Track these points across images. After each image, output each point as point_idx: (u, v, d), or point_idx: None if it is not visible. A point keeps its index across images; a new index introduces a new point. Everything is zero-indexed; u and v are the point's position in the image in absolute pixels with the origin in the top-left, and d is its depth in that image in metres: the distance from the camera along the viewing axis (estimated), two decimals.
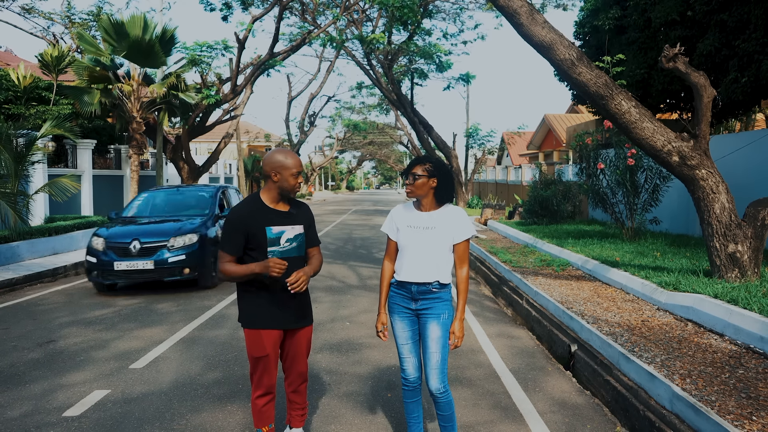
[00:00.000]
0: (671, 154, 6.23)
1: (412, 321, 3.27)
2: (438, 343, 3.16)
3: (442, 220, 3.19)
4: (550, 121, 31.82)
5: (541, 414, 4.07)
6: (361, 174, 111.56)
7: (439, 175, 3.19)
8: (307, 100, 37.83)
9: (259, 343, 3.13)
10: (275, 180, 3.09)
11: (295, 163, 3.10)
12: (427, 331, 3.19)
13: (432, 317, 3.19)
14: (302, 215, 3.25)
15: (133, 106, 17.65)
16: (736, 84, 10.82)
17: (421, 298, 3.20)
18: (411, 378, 3.28)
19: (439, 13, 21.98)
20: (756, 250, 6.14)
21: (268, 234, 3.08)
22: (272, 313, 3.14)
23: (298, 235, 3.18)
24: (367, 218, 24.55)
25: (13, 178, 10.85)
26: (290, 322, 3.21)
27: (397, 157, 68.31)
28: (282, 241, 3.11)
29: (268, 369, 3.16)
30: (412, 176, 3.19)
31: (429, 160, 3.22)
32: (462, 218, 3.21)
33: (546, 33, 6.34)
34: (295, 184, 3.13)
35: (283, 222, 3.14)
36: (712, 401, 3.55)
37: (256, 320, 3.14)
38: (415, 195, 3.22)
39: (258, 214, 3.09)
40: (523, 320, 6.88)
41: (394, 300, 3.30)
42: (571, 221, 15.28)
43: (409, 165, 3.26)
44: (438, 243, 3.16)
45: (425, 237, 3.17)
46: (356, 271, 10.18)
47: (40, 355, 5.36)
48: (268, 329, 3.13)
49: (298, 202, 3.31)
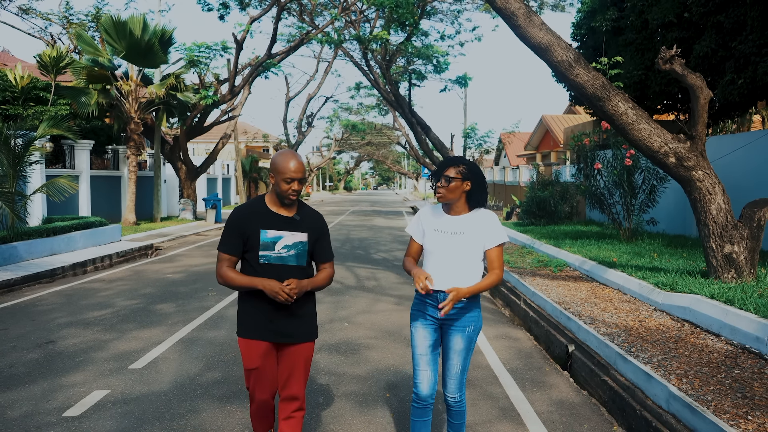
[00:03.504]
0: (668, 155, 6.26)
1: (434, 330, 3.03)
2: (460, 356, 2.98)
3: (472, 225, 2.98)
4: (547, 122, 31.88)
5: (539, 414, 4.09)
6: (358, 174, 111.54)
7: (474, 178, 2.97)
8: (305, 100, 37.87)
9: (249, 354, 2.95)
10: (272, 182, 2.90)
11: (289, 168, 2.82)
12: (450, 343, 3.00)
13: (457, 330, 2.98)
14: (309, 223, 2.98)
15: (131, 106, 17.65)
16: (733, 85, 10.87)
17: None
18: (423, 395, 3.00)
19: (437, 14, 22.01)
20: (752, 250, 6.18)
21: (261, 237, 2.88)
22: (262, 324, 2.92)
23: (299, 244, 2.93)
24: (365, 219, 24.57)
25: (11, 178, 10.84)
26: (280, 336, 2.95)
27: (394, 158, 68.30)
28: (278, 246, 2.89)
29: (260, 382, 2.97)
30: (445, 179, 2.94)
31: (462, 162, 2.98)
32: (493, 222, 2.99)
33: (543, 35, 6.37)
34: (286, 190, 2.85)
35: (284, 227, 2.91)
36: (708, 401, 3.58)
37: (246, 329, 2.95)
38: (446, 199, 2.98)
39: (256, 215, 2.90)
40: (521, 321, 6.91)
41: (418, 307, 3.07)
42: (568, 222, 15.32)
43: (440, 166, 3.00)
44: (467, 249, 2.95)
45: (453, 242, 2.96)
46: (354, 272, 10.20)
47: (40, 356, 5.36)
48: (256, 340, 2.93)
49: (311, 210, 3.05)
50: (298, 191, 2.87)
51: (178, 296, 8.10)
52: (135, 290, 8.61)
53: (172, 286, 8.87)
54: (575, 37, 16.27)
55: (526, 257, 10.15)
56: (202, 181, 26.69)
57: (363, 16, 21.65)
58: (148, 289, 8.64)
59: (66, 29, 22.98)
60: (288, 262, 2.91)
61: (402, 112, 22.32)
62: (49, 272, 9.51)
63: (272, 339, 2.94)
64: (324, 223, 3.07)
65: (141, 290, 8.59)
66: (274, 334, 2.94)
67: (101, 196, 17.56)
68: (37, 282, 9.16)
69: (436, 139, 22.77)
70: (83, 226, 12.25)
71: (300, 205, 2.99)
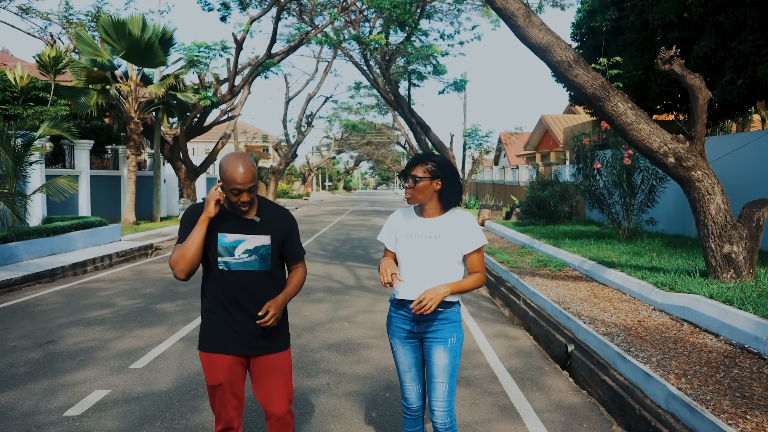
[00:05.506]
0: (667, 155, 6.28)
1: (414, 347, 2.82)
2: (445, 372, 2.72)
3: (447, 228, 2.73)
4: (547, 122, 31.91)
5: (539, 413, 4.11)
6: (358, 174, 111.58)
7: (444, 176, 2.72)
8: (305, 100, 37.85)
9: (210, 370, 2.63)
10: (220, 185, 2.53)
11: (234, 179, 2.45)
12: (432, 358, 2.74)
13: (437, 342, 2.74)
14: (272, 224, 2.66)
15: (131, 106, 17.66)
16: (732, 86, 10.89)
17: (424, 320, 2.73)
18: (414, 407, 2.85)
19: (437, 13, 22.04)
20: (751, 250, 6.19)
21: (219, 242, 2.59)
22: (227, 335, 2.62)
23: (261, 247, 2.62)
24: (364, 218, 24.57)
25: (11, 178, 10.85)
26: (249, 348, 2.64)
27: (394, 158, 68.34)
28: (237, 252, 2.59)
29: (224, 401, 2.65)
30: (412, 179, 2.71)
31: (431, 159, 2.75)
32: (470, 224, 2.75)
33: (543, 35, 6.38)
34: (236, 203, 2.52)
35: (243, 230, 2.60)
36: (707, 400, 3.60)
37: (208, 342, 2.64)
38: (416, 200, 2.75)
39: (213, 217, 2.55)
40: (521, 320, 6.92)
41: (394, 322, 2.84)
42: (568, 222, 15.34)
43: (408, 165, 2.78)
44: (442, 254, 2.71)
45: (427, 247, 2.71)
46: (354, 272, 10.21)
47: (40, 355, 5.37)
48: (218, 353, 2.62)
49: (275, 207, 2.74)
50: (250, 202, 2.54)
51: (179, 296, 8.11)
52: (135, 290, 8.62)
53: (172, 285, 8.88)
54: (575, 37, 16.28)
55: (526, 257, 10.16)
56: (201, 180, 26.66)
57: (362, 16, 21.67)
58: (148, 289, 8.65)
59: (66, 29, 22.98)
60: (250, 268, 2.61)
61: (401, 112, 22.34)
62: (50, 272, 9.51)
63: (239, 352, 2.63)
64: (290, 220, 2.75)
65: (141, 290, 8.60)
66: (240, 346, 2.63)
67: (101, 196, 17.56)
68: (38, 282, 9.17)
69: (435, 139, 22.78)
70: (83, 226, 12.26)
71: (262, 204, 2.68)
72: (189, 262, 2.52)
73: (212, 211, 2.50)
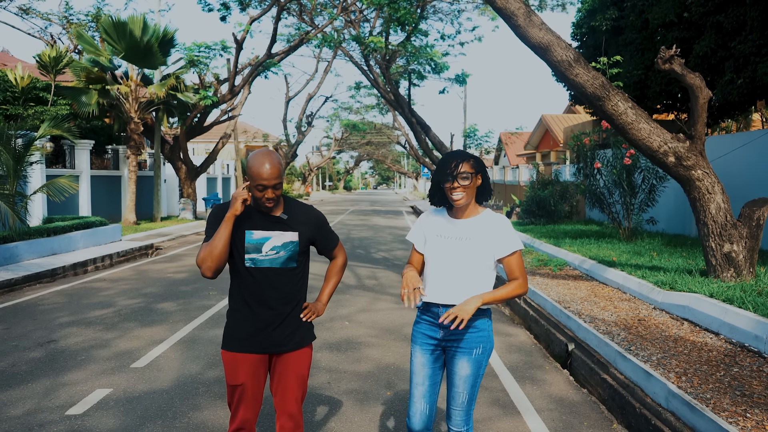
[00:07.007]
0: (667, 154, 6.29)
1: (435, 357, 2.66)
2: (466, 383, 2.58)
3: (479, 230, 2.59)
4: (547, 122, 31.90)
5: (539, 411, 4.12)
6: (358, 174, 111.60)
7: (483, 170, 2.58)
8: (305, 100, 37.87)
9: (232, 369, 2.64)
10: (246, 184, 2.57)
11: (260, 175, 2.48)
12: (454, 367, 2.60)
13: (462, 352, 2.59)
14: (299, 220, 2.67)
15: (131, 106, 17.68)
16: (732, 85, 10.90)
17: (449, 327, 2.57)
18: (415, 429, 2.65)
19: (437, 13, 22.04)
20: (751, 249, 6.20)
21: (247, 239, 2.60)
22: (250, 333, 2.64)
23: (289, 243, 2.63)
24: (365, 218, 24.59)
25: (12, 178, 10.86)
26: (272, 345, 2.66)
27: (394, 158, 68.36)
28: (265, 248, 2.60)
29: (244, 400, 2.66)
30: (463, 177, 2.50)
31: (467, 154, 2.57)
32: (504, 227, 2.60)
33: (543, 34, 6.39)
34: (260, 198, 2.53)
35: (271, 227, 2.62)
36: (707, 399, 3.61)
37: (232, 341, 2.66)
38: (467, 200, 2.56)
39: (240, 214, 2.56)
40: (521, 319, 6.93)
41: (419, 328, 2.69)
42: (568, 221, 15.35)
43: (452, 162, 2.53)
44: (472, 257, 2.56)
45: (458, 249, 2.58)
46: (354, 271, 10.22)
47: (41, 355, 5.39)
48: (244, 353, 2.64)
49: (301, 205, 2.74)
50: (275, 198, 2.55)
51: (179, 295, 8.12)
52: (136, 289, 8.63)
53: (173, 285, 8.89)
54: (575, 36, 16.29)
55: (526, 256, 10.17)
56: (202, 180, 26.70)
57: (362, 16, 21.68)
58: (149, 289, 8.66)
59: (66, 29, 22.99)
60: (278, 264, 2.63)
61: (402, 112, 22.33)
62: (50, 272, 9.52)
63: (267, 350, 2.66)
64: (317, 214, 2.77)
65: (142, 289, 8.61)
66: (267, 343, 2.65)
67: (101, 196, 17.57)
68: (38, 282, 9.18)
69: (435, 139, 22.79)
70: (83, 225, 12.26)
71: (287, 202, 2.69)
72: (216, 259, 2.54)
73: (238, 208, 2.52)
